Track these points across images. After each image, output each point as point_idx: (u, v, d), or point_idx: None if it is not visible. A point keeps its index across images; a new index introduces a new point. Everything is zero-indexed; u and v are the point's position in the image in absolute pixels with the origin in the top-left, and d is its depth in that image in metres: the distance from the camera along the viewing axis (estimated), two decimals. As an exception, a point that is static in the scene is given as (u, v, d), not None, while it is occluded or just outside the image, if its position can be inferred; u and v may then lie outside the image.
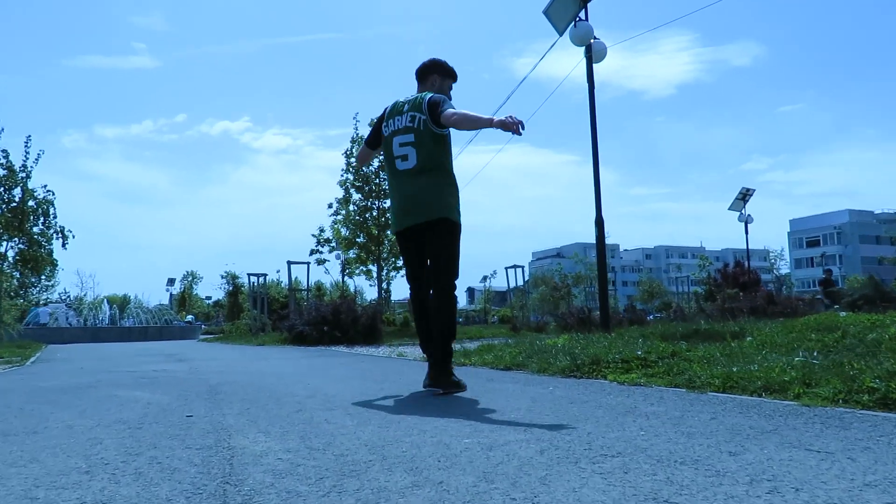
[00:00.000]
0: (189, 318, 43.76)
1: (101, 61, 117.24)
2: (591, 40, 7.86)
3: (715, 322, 8.18)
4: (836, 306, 15.14)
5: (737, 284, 25.90)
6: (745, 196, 22.66)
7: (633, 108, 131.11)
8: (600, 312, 8.17)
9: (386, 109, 3.56)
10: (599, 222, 7.86)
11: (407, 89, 3.78)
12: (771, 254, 69.08)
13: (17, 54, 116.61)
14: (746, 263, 23.75)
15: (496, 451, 1.83)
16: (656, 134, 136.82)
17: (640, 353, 3.94)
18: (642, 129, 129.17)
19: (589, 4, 7.92)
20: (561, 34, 8.22)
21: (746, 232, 22.27)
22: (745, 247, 23.40)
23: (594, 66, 8.05)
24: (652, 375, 3.49)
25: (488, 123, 3.05)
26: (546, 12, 8.11)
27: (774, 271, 62.24)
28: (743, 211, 22.25)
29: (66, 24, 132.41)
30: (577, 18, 7.83)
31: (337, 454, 1.85)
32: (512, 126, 2.89)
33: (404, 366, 5.55)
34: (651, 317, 20.95)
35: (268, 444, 2.02)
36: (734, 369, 3.21)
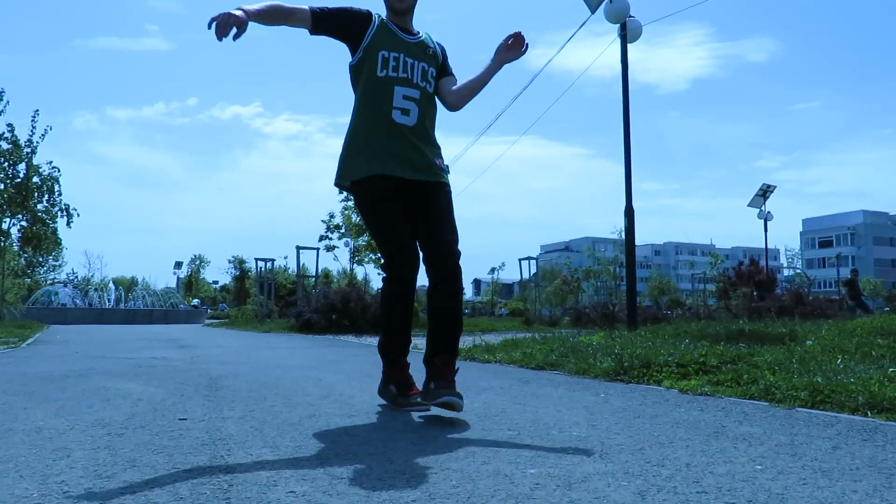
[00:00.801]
0: (195, 302, 43.57)
1: (114, 42, 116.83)
2: (627, 18, 7.36)
3: (744, 321, 7.70)
4: (865, 312, 14.60)
5: (751, 283, 25.38)
6: (765, 192, 22.03)
7: (646, 102, 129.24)
8: (627, 308, 7.70)
9: None
10: (629, 212, 7.38)
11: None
12: (788, 252, 68.02)
13: (30, 33, 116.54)
14: (765, 261, 23.23)
15: (578, 490, 1.38)
16: (668, 129, 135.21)
17: (696, 355, 3.48)
18: (654, 124, 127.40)
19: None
20: (594, 11, 7.71)
21: (766, 229, 21.64)
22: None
23: (628, 45, 7.55)
24: (717, 383, 3.03)
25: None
26: (579, -13, 7.59)
27: (793, 269, 61.34)
28: (763, 208, 21.63)
29: (81, 5, 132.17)
30: (613, -7, 7.31)
31: (368, 488, 1.41)
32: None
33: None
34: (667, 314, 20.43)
35: (276, 468, 1.58)
36: (818, 379, 2.75)
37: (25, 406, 2.61)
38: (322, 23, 2.40)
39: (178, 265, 43.37)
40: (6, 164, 13.89)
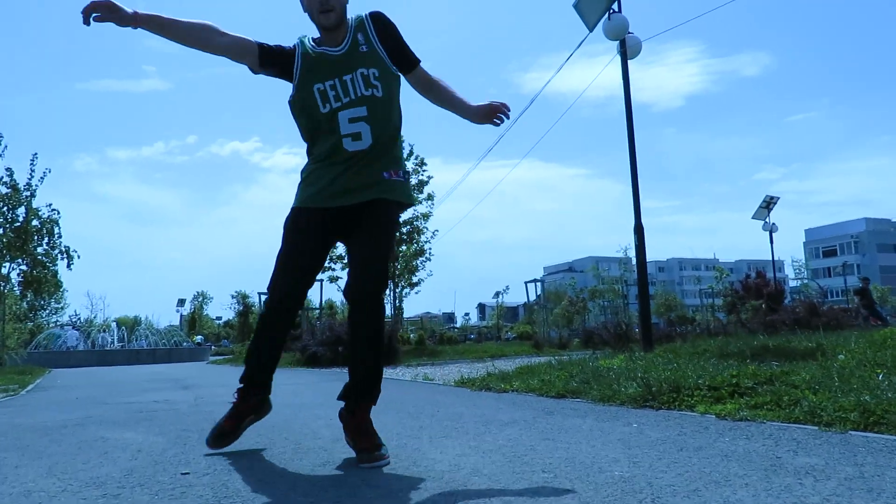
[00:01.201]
0: (199, 338, 43.28)
1: (113, 84, 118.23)
2: (627, 34, 7.30)
3: (763, 335, 7.49)
4: (878, 321, 14.36)
5: (760, 296, 25.10)
6: (769, 204, 21.90)
7: (642, 121, 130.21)
8: (641, 327, 7.51)
9: None
10: (639, 229, 7.24)
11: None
12: (795, 263, 67.53)
13: (30, 77, 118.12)
14: (772, 274, 22.97)
15: (640, 548, 1.20)
16: (666, 146, 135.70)
17: (727, 376, 3.29)
18: (651, 142, 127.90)
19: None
20: (591, 29, 7.66)
21: (771, 241, 21.44)
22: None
23: (629, 62, 7.48)
24: (756, 407, 2.83)
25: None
26: (576, 6, 7.56)
27: (800, 280, 60.87)
28: (767, 220, 21.49)
29: (80, 48, 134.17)
30: (611, 10, 7.27)
31: (396, 555, 1.22)
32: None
33: (435, 392, 4.91)
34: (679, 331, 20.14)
35: (290, 532, 1.40)
36: (867, 398, 2.56)
37: (17, 464, 2.42)
38: (269, 57, 2.23)
39: (181, 303, 43.19)
40: (5, 208, 13.83)
